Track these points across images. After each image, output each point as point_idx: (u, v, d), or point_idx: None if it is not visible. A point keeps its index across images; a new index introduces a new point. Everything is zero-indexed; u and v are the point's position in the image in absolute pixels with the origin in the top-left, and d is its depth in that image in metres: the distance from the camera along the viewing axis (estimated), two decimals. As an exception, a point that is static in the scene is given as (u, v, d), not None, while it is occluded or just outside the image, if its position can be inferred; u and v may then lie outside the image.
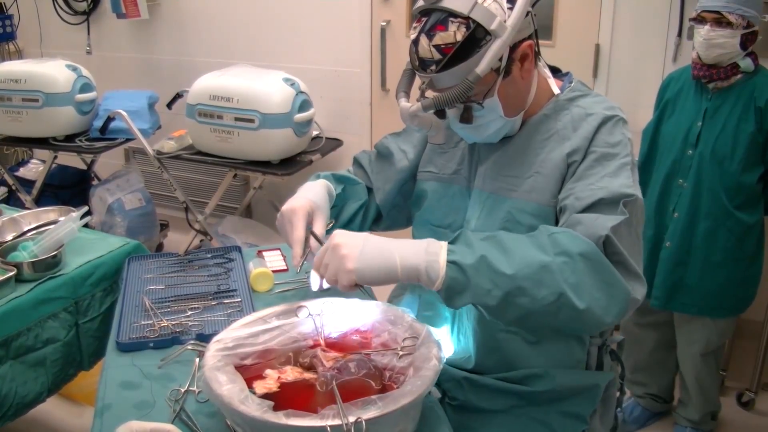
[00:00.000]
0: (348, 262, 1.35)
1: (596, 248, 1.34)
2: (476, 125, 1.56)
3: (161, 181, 4.20)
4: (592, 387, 1.63)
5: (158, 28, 4.61)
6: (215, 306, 1.86)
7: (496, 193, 1.61)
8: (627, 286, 1.35)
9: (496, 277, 1.31)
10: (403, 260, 1.34)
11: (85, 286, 2.16)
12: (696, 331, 2.80)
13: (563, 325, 1.38)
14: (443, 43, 1.43)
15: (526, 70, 1.53)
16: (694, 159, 2.64)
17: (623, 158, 1.50)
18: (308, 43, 4.17)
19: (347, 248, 1.37)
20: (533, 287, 1.30)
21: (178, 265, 2.09)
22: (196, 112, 3.66)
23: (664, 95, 2.79)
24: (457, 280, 1.32)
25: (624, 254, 1.37)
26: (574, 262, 1.32)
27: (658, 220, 2.78)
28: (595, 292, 1.32)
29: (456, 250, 1.34)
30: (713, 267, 2.66)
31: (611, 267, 1.34)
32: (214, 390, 1.28)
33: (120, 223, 4.05)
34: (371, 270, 1.36)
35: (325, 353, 1.47)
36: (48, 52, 4.89)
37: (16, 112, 3.92)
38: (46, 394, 2.11)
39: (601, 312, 1.33)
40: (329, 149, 3.96)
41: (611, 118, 1.55)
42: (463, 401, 1.65)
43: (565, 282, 1.30)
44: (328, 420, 1.18)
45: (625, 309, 1.36)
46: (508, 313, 1.35)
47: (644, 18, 3.35)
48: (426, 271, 1.33)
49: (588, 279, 1.32)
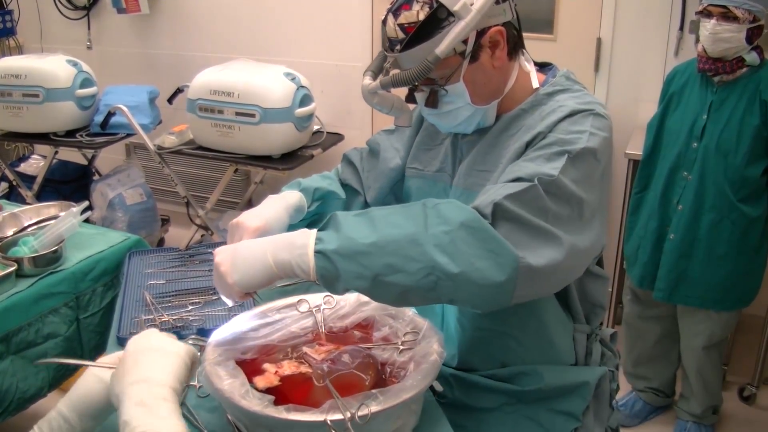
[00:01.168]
0: (227, 278, 1.33)
1: (477, 216, 1.27)
2: (444, 111, 1.53)
3: (162, 176, 4.20)
4: (582, 384, 1.60)
5: (158, 23, 4.60)
6: (216, 301, 1.86)
7: (469, 189, 1.56)
8: (514, 252, 1.25)
9: (362, 258, 1.24)
10: (275, 258, 1.29)
11: (85, 281, 2.16)
12: (699, 323, 2.80)
13: (452, 299, 1.30)
14: (406, 22, 1.42)
15: (498, 58, 1.48)
16: (698, 152, 2.63)
17: (569, 146, 1.39)
18: (309, 38, 4.16)
19: (223, 264, 1.34)
20: (403, 262, 1.24)
21: (179, 260, 2.09)
22: (196, 107, 3.65)
23: (669, 88, 2.78)
24: (327, 269, 1.26)
25: (527, 218, 1.29)
26: (453, 231, 1.25)
27: (662, 213, 2.77)
28: (477, 260, 1.24)
29: (323, 237, 1.28)
30: (717, 259, 2.66)
31: (493, 233, 1.25)
32: (215, 385, 1.28)
33: (121, 218, 4.05)
34: (250, 277, 1.32)
35: (318, 347, 1.47)
36: (48, 47, 4.89)
37: (17, 107, 3.92)
38: (47, 389, 2.11)
39: (484, 281, 1.24)
40: (330, 144, 3.96)
41: (581, 111, 1.46)
42: (452, 399, 1.63)
43: (438, 252, 1.23)
44: (329, 414, 1.18)
45: (513, 275, 1.25)
46: (386, 294, 1.29)
47: (646, 12, 3.35)
48: (298, 265, 1.28)
49: (468, 248, 1.24)
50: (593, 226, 1.40)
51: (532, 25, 3.57)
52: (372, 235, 1.26)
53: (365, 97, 1.52)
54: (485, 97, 1.53)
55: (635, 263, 2.91)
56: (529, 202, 1.30)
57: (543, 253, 1.28)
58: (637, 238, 2.89)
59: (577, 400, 1.60)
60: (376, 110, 1.59)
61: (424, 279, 1.24)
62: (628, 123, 3.44)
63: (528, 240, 1.28)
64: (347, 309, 1.55)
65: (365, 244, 1.25)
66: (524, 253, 1.26)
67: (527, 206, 1.29)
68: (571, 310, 1.63)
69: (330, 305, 1.56)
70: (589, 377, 1.62)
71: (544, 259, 1.28)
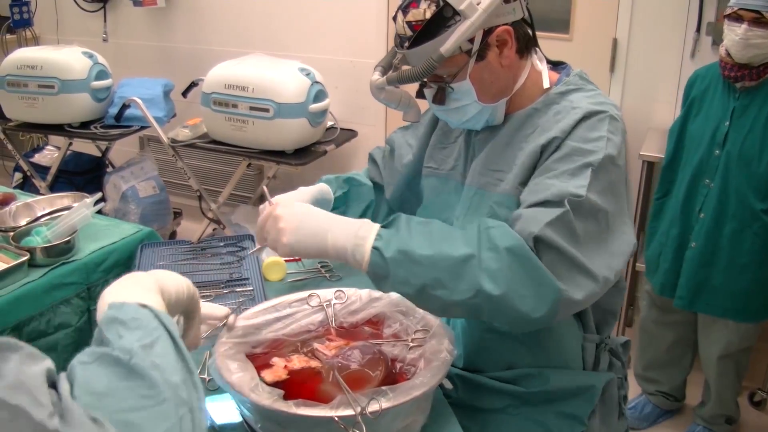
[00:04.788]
0: (283, 236, 1.38)
1: (524, 244, 1.30)
2: (451, 108, 1.54)
3: (175, 169, 4.21)
4: (588, 388, 1.59)
5: (174, 17, 4.61)
6: (227, 294, 1.86)
7: (483, 188, 1.57)
8: (556, 284, 1.29)
9: (414, 267, 1.30)
10: (335, 241, 1.36)
11: (97, 272, 2.16)
12: (717, 332, 2.77)
13: (492, 320, 1.36)
14: (414, 20, 1.43)
15: (506, 57, 1.48)
16: (721, 159, 2.57)
17: (591, 157, 1.40)
18: (324, 34, 4.16)
19: (285, 221, 1.39)
20: (451, 280, 1.30)
21: (190, 253, 2.09)
22: (211, 101, 3.66)
23: (690, 93, 2.73)
24: (380, 266, 1.32)
25: (565, 248, 1.31)
26: (500, 256, 1.30)
27: (683, 220, 2.72)
28: (520, 288, 1.29)
29: (384, 235, 1.34)
30: (738, 269, 2.61)
31: (538, 264, 1.30)
32: (225, 378, 1.28)
33: (133, 211, 4.06)
34: (304, 246, 1.38)
35: (328, 343, 1.47)
36: (64, 39, 4.90)
37: (32, 98, 3.93)
38: (57, 379, 2.11)
39: (527, 309, 1.29)
40: (344, 140, 3.96)
41: (596, 113, 1.46)
42: (457, 399, 1.62)
43: (484, 276, 1.28)
44: (339, 410, 1.18)
45: (555, 308, 1.30)
46: (429, 304, 1.36)
47: (663, 13, 3.33)
48: (353, 254, 1.34)
49: (512, 274, 1.29)
50: (623, 231, 1.43)
51: (549, 25, 3.56)
52: (428, 248, 1.31)
53: (373, 92, 1.56)
54: (492, 95, 1.53)
55: (656, 270, 2.87)
56: (564, 229, 1.33)
57: (582, 284, 1.32)
58: (659, 245, 2.85)
59: (583, 403, 1.59)
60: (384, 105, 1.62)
61: (468, 299, 1.29)
62: (643, 124, 3.42)
63: (567, 271, 1.32)
64: (358, 305, 1.55)
65: (420, 255, 1.30)
66: (566, 286, 1.30)
67: (563, 234, 1.32)
68: (583, 320, 1.62)
69: (341, 300, 1.56)
70: (596, 381, 1.61)
71: (584, 291, 1.32)
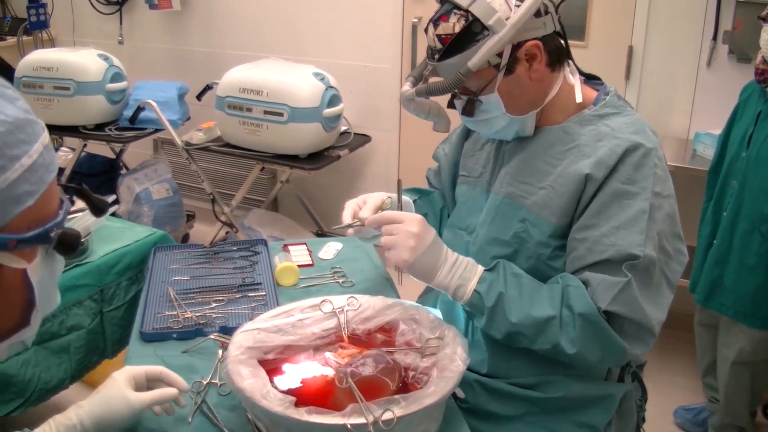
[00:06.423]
0: (406, 252, 1.48)
1: (596, 312, 1.41)
2: (481, 119, 1.57)
3: (189, 172, 4.21)
4: (607, 397, 1.59)
5: (190, 20, 4.62)
6: (240, 299, 1.86)
7: (510, 198, 1.59)
8: (623, 345, 1.42)
9: (503, 319, 1.46)
10: (440, 277, 1.50)
11: (110, 274, 2.17)
12: (732, 336, 2.74)
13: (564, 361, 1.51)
14: (444, 33, 1.46)
15: (535, 71, 1.50)
16: (744, 161, 2.59)
17: (643, 201, 1.45)
18: (339, 39, 4.16)
19: (417, 240, 1.48)
20: (533, 335, 1.45)
21: (203, 257, 2.09)
22: (225, 105, 3.67)
23: (739, 99, 2.76)
24: (476, 306, 1.49)
25: (627, 317, 1.42)
26: (574, 318, 1.43)
27: (714, 220, 2.76)
28: (590, 344, 1.43)
29: (487, 279, 1.49)
30: (747, 270, 2.60)
31: (608, 329, 1.41)
32: (237, 383, 1.28)
33: (147, 213, 4.07)
34: (417, 270, 1.50)
35: (341, 350, 1.46)
36: (80, 41, 4.93)
37: (48, 99, 3.95)
38: (69, 380, 2.12)
39: (595, 362, 1.47)
40: (357, 145, 3.95)
41: (638, 147, 1.48)
42: (474, 404, 1.62)
43: (562, 335, 1.43)
44: (351, 418, 1.17)
45: (620, 362, 1.53)
46: (512, 343, 1.51)
47: (679, 21, 3.31)
48: (455, 291, 1.50)
49: (584, 334, 1.42)
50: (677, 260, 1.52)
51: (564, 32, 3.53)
52: (519, 303, 1.46)
53: (403, 103, 1.62)
54: (521, 108, 1.55)
55: (693, 268, 2.90)
56: (628, 298, 1.42)
57: (644, 339, 1.45)
58: (698, 245, 2.88)
59: (600, 413, 1.59)
60: (414, 115, 1.68)
61: (547, 350, 1.46)
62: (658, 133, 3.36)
63: (634, 332, 1.44)
64: (370, 312, 1.54)
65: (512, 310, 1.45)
66: (631, 345, 1.43)
67: (627, 303, 1.42)
68: None
69: (353, 307, 1.55)
70: (614, 391, 1.61)
71: (645, 345, 1.46)
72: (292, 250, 2.12)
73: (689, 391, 3.20)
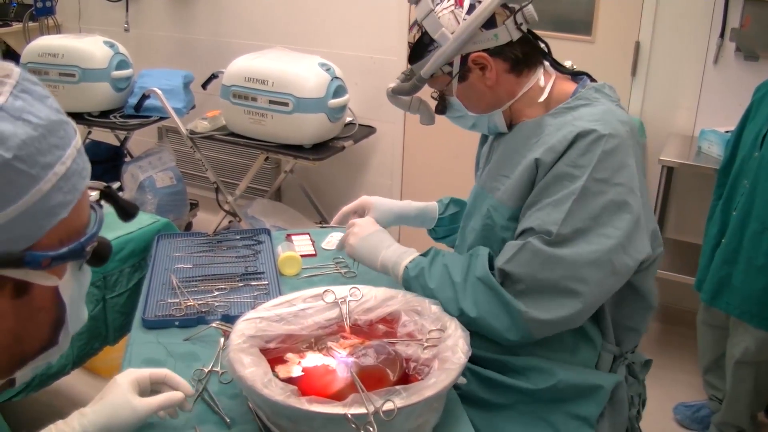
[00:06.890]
0: (351, 238, 1.74)
1: (488, 274, 1.50)
2: (454, 116, 1.73)
3: (193, 161, 4.22)
4: (596, 388, 1.59)
5: (196, 8, 4.62)
6: (242, 288, 1.86)
7: (485, 189, 1.70)
8: (518, 306, 1.46)
9: (425, 292, 1.57)
10: (383, 259, 1.68)
11: (114, 261, 2.17)
12: (738, 335, 2.75)
13: (483, 333, 1.54)
14: (410, 41, 1.66)
15: (489, 78, 1.61)
16: (756, 161, 2.59)
17: (576, 183, 1.47)
18: (345, 29, 4.16)
19: (359, 228, 1.75)
20: (446, 302, 1.53)
21: (206, 245, 2.09)
22: (230, 94, 3.66)
23: (752, 99, 2.76)
24: (407, 281, 1.62)
25: (522, 278, 1.47)
26: (474, 283, 1.52)
27: (722, 219, 2.76)
28: (488, 305, 1.50)
29: (416, 259, 1.64)
30: (755, 270, 2.60)
31: (500, 289, 1.48)
32: (238, 371, 1.28)
33: (150, 201, 4.07)
34: (360, 255, 1.73)
35: (342, 340, 1.46)
36: (86, 28, 4.93)
37: (53, 86, 3.95)
38: (70, 366, 2.12)
39: (503, 329, 1.49)
40: (362, 136, 3.95)
41: (590, 133, 1.48)
42: (465, 391, 1.62)
43: (465, 299, 1.52)
44: (352, 408, 1.17)
45: (524, 327, 1.47)
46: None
47: (686, 17, 3.30)
48: (392, 270, 1.66)
49: (483, 298, 1.51)
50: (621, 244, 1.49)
51: (571, 26, 3.55)
52: (436, 280, 1.57)
53: (388, 98, 1.75)
54: (482, 109, 1.68)
55: (698, 267, 2.90)
56: (525, 259, 1.48)
57: (551, 307, 1.46)
58: (705, 244, 2.88)
59: (592, 405, 1.59)
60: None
61: (459, 318, 1.50)
62: (663, 129, 3.40)
63: (537, 296, 1.47)
64: (373, 303, 1.55)
65: (431, 281, 1.58)
66: (531, 308, 1.46)
67: (525, 264, 1.48)
68: (601, 326, 1.62)
69: (356, 298, 1.56)
70: (604, 381, 1.60)
71: (553, 313, 1.46)
72: (295, 240, 2.12)
73: (690, 387, 3.21)
